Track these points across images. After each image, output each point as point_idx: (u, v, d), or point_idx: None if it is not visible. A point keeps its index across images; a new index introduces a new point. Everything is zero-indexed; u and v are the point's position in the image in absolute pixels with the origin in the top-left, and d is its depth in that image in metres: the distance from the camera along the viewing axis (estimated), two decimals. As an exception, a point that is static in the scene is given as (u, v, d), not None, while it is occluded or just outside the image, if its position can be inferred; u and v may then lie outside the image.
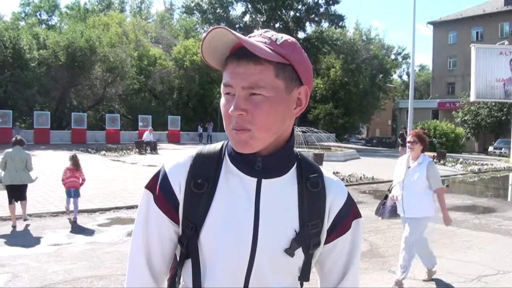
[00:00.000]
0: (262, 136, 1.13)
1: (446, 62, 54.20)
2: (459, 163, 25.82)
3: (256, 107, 1.10)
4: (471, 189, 17.33)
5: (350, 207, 1.28)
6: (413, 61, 23.05)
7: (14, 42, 32.69)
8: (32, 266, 6.09)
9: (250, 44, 1.07)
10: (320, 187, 1.24)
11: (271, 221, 1.17)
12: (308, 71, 1.19)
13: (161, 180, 1.23)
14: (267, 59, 1.08)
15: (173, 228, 1.23)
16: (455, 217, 10.33)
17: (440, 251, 7.28)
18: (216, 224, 1.17)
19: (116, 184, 13.19)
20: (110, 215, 9.53)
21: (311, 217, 1.21)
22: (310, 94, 1.21)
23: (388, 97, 55.61)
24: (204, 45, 1.10)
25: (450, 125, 40.19)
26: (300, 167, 1.25)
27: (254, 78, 1.09)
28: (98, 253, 6.70)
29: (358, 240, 1.31)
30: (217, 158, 1.24)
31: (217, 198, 1.19)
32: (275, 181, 1.20)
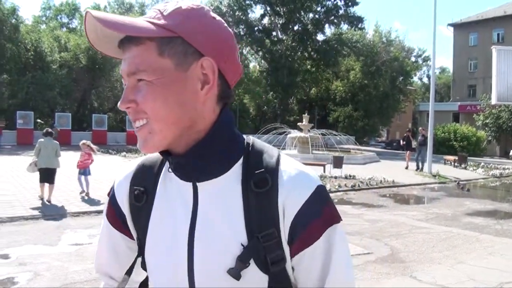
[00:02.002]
0: (158, 128, 0.92)
1: (467, 64, 53.57)
2: (480, 167, 25.51)
3: (141, 95, 0.92)
4: (492, 193, 17.06)
5: (317, 207, 0.95)
6: (434, 63, 22.78)
7: (35, 45, 33.30)
8: (53, 265, 6.14)
9: (113, 23, 0.87)
10: (269, 184, 0.95)
11: (209, 235, 0.95)
12: (213, 40, 0.94)
13: (111, 192, 1.13)
14: (147, 37, 0.90)
15: (126, 244, 1.12)
16: (477, 222, 10.22)
17: (462, 257, 7.21)
18: (152, 241, 1.03)
19: (136, 185, 13.24)
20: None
21: (262, 225, 0.94)
22: (230, 69, 0.98)
23: (409, 100, 55.09)
24: (90, 35, 0.93)
25: (471, 128, 39.78)
26: (248, 160, 0.99)
27: (136, 61, 0.91)
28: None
29: (337, 251, 0.97)
30: (159, 164, 1.07)
31: (154, 210, 1.03)
32: (213, 184, 0.97)
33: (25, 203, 10.00)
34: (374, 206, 12.05)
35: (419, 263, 6.78)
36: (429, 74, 75.63)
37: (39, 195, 10.45)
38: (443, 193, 15.40)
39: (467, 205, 12.86)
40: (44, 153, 10.18)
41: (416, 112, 62.16)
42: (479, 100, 45.59)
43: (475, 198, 14.45)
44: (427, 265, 6.70)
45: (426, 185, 17.32)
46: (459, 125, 40.96)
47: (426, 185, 17.42)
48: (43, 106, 33.15)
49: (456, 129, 39.01)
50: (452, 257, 7.17)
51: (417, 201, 14.30)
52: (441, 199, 13.95)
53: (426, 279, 6.03)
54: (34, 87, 31.31)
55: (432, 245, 7.88)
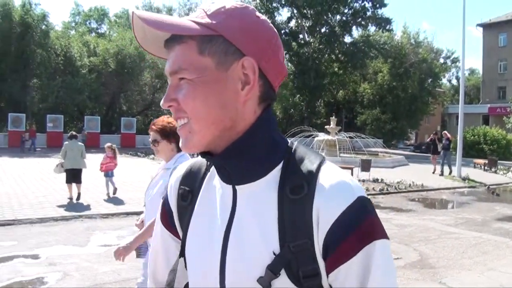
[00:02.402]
0: (198, 128, 0.92)
1: (497, 65, 52.43)
2: (511, 171, 24.96)
3: (182, 93, 0.92)
4: (525, 198, 16.69)
5: (355, 221, 0.86)
6: (463, 65, 22.43)
7: (65, 50, 33.98)
8: (82, 265, 6.24)
9: (155, 21, 0.88)
10: (305, 191, 0.89)
11: (242, 240, 0.92)
12: (254, 39, 0.93)
13: (165, 193, 1.14)
14: (190, 35, 0.90)
15: (175, 244, 1.10)
16: (507, 228, 10.00)
17: (492, 263, 7.06)
18: (190, 242, 1.02)
19: (163, 188, 13.36)
20: (157, 218, 9.67)
21: (294, 235, 0.88)
22: (272, 68, 0.95)
23: (437, 102, 54.20)
24: (138, 35, 0.94)
25: (501, 131, 38.93)
26: (287, 165, 0.95)
27: (177, 60, 0.92)
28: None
29: (376, 275, 0.86)
30: (206, 165, 1.07)
31: (196, 211, 1.03)
32: (251, 188, 0.94)
33: (55, 204, 10.20)
34: (402, 211, 11.90)
35: (448, 269, 6.66)
36: (458, 76, 74.45)
37: (68, 197, 10.83)
38: (473, 198, 15.11)
39: (497, 210, 12.60)
40: (70, 154, 10.80)
41: (445, 114, 61.21)
42: (509, 102, 44.66)
43: (506, 203, 14.14)
44: (457, 271, 6.58)
45: (456, 189, 17.03)
46: (489, 128, 40.13)
47: (456, 189, 17.12)
48: (72, 110, 33.81)
49: (486, 132, 38.21)
50: (482, 264, 7.02)
51: (446, 205, 14.07)
52: (470, 204, 13.69)
53: (455, 285, 5.92)
54: (64, 91, 31.93)
55: (461, 251, 7.74)
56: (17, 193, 11.58)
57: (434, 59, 50.18)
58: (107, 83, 36.37)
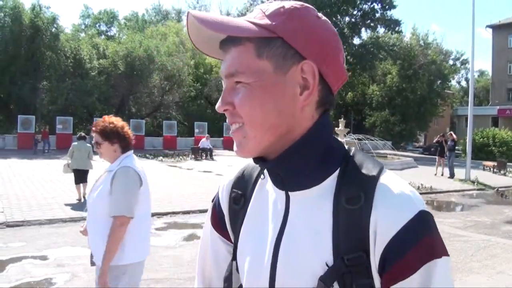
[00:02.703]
0: (253, 134, 0.89)
1: (506, 66, 52.08)
2: (520, 173, 24.83)
3: (238, 98, 0.89)
4: (535, 200, 16.56)
5: (416, 236, 0.81)
6: (473, 66, 22.30)
7: (75, 52, 34.20)
8: (90, 267, 6.23)
9: (212, 22, 0.85)
10: (361, 202, 0.85)
11: (294, 249, 0.90)
12: (316, 41, 0.89)
13: (216, 195, 1.13)
14: (248, 37, 0.87)
15: (225, 247, 1.10)
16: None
17: (501, 267, 7.01)
18: (241, 247, 1.01)
19: (172, 189, 13.40)
20: (167, 219, 9.69)
21: (349, 247, 0.84)
22: (333, 72, 0.92)
23: (446, 104, 54.00)
24: (192, 36, 0.92)
25: (510, 133, 38.70)
26: (344, 173, 0.90)
27: (234, 63, 0.89)
28: (155, 257, 6.81)
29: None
30: (259, 169, 1.05)
31: (248, 215, 1.02)
32: (305, 195, 0.91)
33: (63, 206, 10.25)
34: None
35: (457, 272, 6.62)
36: (467, 78, 74.13)
37: (77, 198, 11.05)
38: (482, 200, 15.02)
39: (507, 213, 12.52)
40: (77, 155, 10.93)
41: (454, 116, 60.90)
42: (519, 103, 44.43)
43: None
44: (466, 274, 6.55)
45: (465, 192, 16.93)
46: (498, 129, 39.91)
47: (465, 191, 17.02)
48: (82, 112, 34.01)
49: (495, 134, 38.02)
50: (491, 267, 6.98)
51: (455, 208, 14.00)
52: (480, 207, 13.60)
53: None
54: (73, 93, 32.14)
55: (470, 254, 7.69)
56: (26, 194, 11.65)
57: (443, 60, 50.06)
58: (116, 85, 36.56)
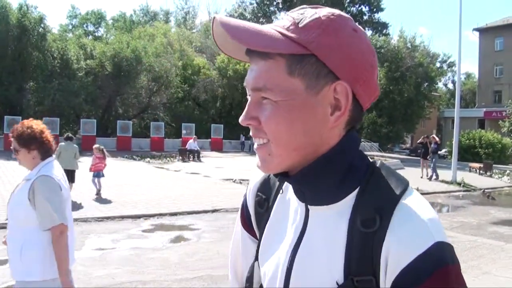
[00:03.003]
0: (278, 152, 0.85)
1: (493, 69, 52.77)
2: (506, 175, 25.09)
3: (264, 114, 0.85)
4: (520, 201, 16.77)
5: (429, 268, 0.76)
6: (459, 69, 22.53)
7: (62, 52, 33.93)
8: (77, 269, 6.19)
9: (239, 34, 0.81)
10: (376, 226, 0.81)
11: (308, 263, 0.89)
12: (351, 59, 0.83)
13: (244, 196, 1.12)
14: (276, 52, 0.81)
15: (254, 246, 1.07)
16: (502, 231, 10.05)
17: (487, 267, 7.08)
18: (262, 250, 1.01)
19: (160, 191, 13.35)
20: (154, 221, 9.67)
21: (360, 269, 0.82)
22: (365, 90, 0.87)
23: (433, 106, 54.37)
24: (217, 38, 0.88)
25: (496, 135, 39.11)
26: (364, 192, 0.86)
27: (262, 77, 0.84)
28: (142, 259, 6.81)
29: None
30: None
31: (270, 220, 1.01)
32: (323, 210, 0.89)
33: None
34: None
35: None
36: (454, 80, 74.64)
37: None
38: (468, 201, 15.17)
39: (492, 213, 12.66)
40: (64, 155, 11.12)
41: (441, 118, 61.38)
42: (505, 106, 44.88)
43: (501, 207, 14.23)
44: (452, 274, 6.59)
45: (451, 193, 17.09)
46: (484, 131, 40.32)
47: (451, 193, 17.18)
48: (69, 113, 33.72)
49: (481, 136, 38.42)
50: (477, 267, 7.04)
51: (442, 209, 14.12)
52: (466, 208, 13.74)
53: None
54: (60, 94, 31.85)
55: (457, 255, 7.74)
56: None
57: (430, 63, 50.25)
58: (103, 86, 36.31)
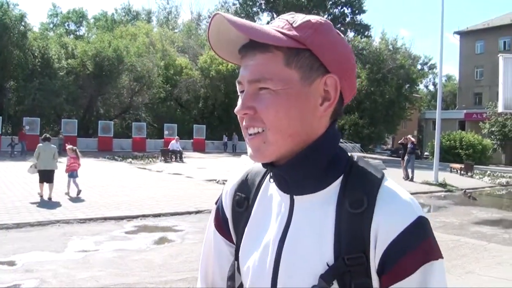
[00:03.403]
0: (274, 139, 0.92)
1: (473, 72, 53.59)
2: (486, 175, 25.43)
3: (263, 103, 0.92)
4: (499, 202, 17.02)
5: (414, 241, 0.86)
6: (441, 71, 22.71)
7: (43, 51, 33.49)
8: (60, 272, 6.13)
9: (248, 29, 0.89)
10: (364, 206, 0.89)
11: (297, 249, 0.94)
12: (339, 57, 0.95)
13: (219, 198, 1.17)
14: (275, 45, 0.90)
15: (228, 249, 1.13)
16: (484, 231, 10.16)
17: (470, 267, 7.15)
18: (244, 248, 1.05)
19: (142, 192, 13.26)
20: (137, 222, 9.58)
21: (350, 248, 0.89)
22: (351, 86, 0.99)
23: (414, 107, 54.97)
24: (213, 39, 0.95)
25: (477, 136, 39.67)
26: (347, 179, 0.95)
27: (260, 69, 0.91)
28: (125, 261, 6.73)
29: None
30: (263, 174, 1.09)
31: (252, 216, 1.05)
32: (309, 199, 0.96)
33: (31, 209, 10.03)
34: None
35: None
36: (435, 82, 75.66)
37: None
38: (450, 202, 15.33)
39: (474, 213, 12.80)
40: (43, 156, 11.35)
41: (421, 120, 62.05)
42: (485, 108, 45.62)
43: (482, 207, 14.39)
44: (436, 274, 6.64)
45: (433, 194, 17.25)
46: (465, 133, 40.89)
47: (433, 193, 17.35)
48: (49, 113, 33.32)
49: (462, 137, 38.97)
50: (460, 267, 7.11)
51: (424, 209, 14.15)
52: (448, 208, 13.88)
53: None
54: (41, 93, 31.41)
55: (440, 254, 7.82)
56: (-8, 197, 11.37)
57: (412, 65, 50.77)
58: (84, 86, 35.94)
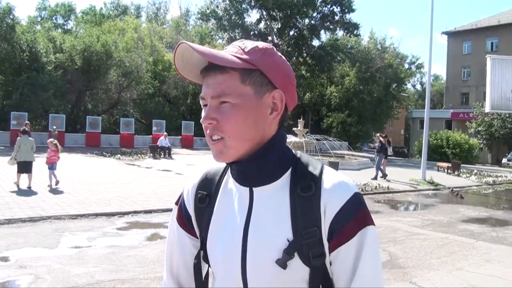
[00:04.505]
0: (234, 144, 1.13)
1: (460, 72, 54.06)
2: (473, 174, 25.71)
3: (224, 115, 1.11)
4: (486, 201, 17.23)
5: (353, 211, 1.11)
6: (430, 71, 22.88)
7: (30, 45, 33.04)
8: (54, 268, 6.14)
9: (211, 55, 1.09)
10: (313, 190, 1.12)
11: (260, 231, 1.14)
12: (282, 75, 1.17)
13: (181, 196, 1.33)
14: (232, 67, 1.10)
15: (191, 242, 1.29)
16: (472, 229, 10.31)
17: (459, 264, 7.28)
18: (213, 236, 1.22)
19: (133, 188, 13.24)
20: (128, 219, 9.58)
21: (306, 224, 1.11)
22: (292, 98, 1.19)
23: (402, 106, 55.37)
24: (177, 62, 1.15)
25: (463, 135, 40.03)
26: (296, 171, 1.17)
27: (221, 87, 1.11)
28: (119, 257, 6.75)
29: (367, 250, 1.10)
30: (221, 172, 1.28)
31: (215, 210, 1.23)
32: (266, 189, 1.16)
33: (22, 205, 9.98)
34: (370, 212, 12.08)
35: (418, 269, 6.84)
36: (422, 81, 76.25)
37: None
38: (438, 200, 15.50)
39: (462, 212, 12.96)
40: (23, 148, 12.22)
41: (408, 119, 62.45)
42: (472, 107, 46.05)
43: (469, 205, 14.57)
44: (426, 271, 6.75)
45: (421, 192, 17.43)
46: (452, 132, 41.24)
47: (421, 191, 17.52)
48: (37, 107, 32.91)
49: (449, 136, 39.26)
50: (450, 264, 7.23)
51: (412, 207, 14.40)
52: (436, 206, 14.03)
53: (426, 285, 6.08)
54: (28, 88, 31.04)
55: (430, 251, 7.94)
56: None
57: (400, 64, 51.10)
58: (72, 81, 35.55)
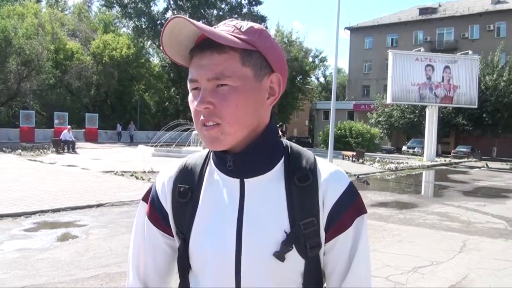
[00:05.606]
0: (233, 130, 1.04)
1: (362, 66, 56.85)
2: (376, 161, 27.07)
3: (223, 98, 1.02)
4: (390, 186, 18.20)
5: (350, 199, 1.10)
6: (336, 64, 23.74)
7: None
8: None
9: (212, 32, 0.99)
10: (310, 180, 1.09)
11: (256, 223, 1.07)
12: (279, 58, 1.11)
13: (152, 192, 1.22)
14: (231, 47, 1.01)
15: (164, 241, 1.20)
16: (381, 213, 10.84)
17: (373, 245, 7.57)
18: (200, 231, 1.11)
19: (37, 186, 12.47)
20: (36, 219, 9.01)
21: (303, 215, 1.07)
22: (284, 83, 1.13)
23: (307, 98, 57.05)
24: (164, 38, 1.02)
25: (365, 125, 42.03)
26: (289, 160, 1.12)
27: (219, 68, 1.01)
28: (30, 261, 6.33)
29: (362, 238, 1.12)
30: (202, 163, 1.17)
31: (201, 204, 1.12)
32: (259, 180, 1.10)
33: None
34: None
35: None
36: (325, 74, 78.90)
37: None
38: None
39: (369, 197, 13.54)
40: None
41: (313, 110, 64.49)
42: (373, 99, 48.47)
43: (376, 191, 15.35)
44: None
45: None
46: (354, 122, 43.16)
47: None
48: None
49: (352, 127, 41.12)
50: (365, 247, 7.51)
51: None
52: (344, 193, 14.56)
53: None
54: None
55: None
56: None
57: (305, 57, 52.53)
58: (-35, 70, 32.93)
